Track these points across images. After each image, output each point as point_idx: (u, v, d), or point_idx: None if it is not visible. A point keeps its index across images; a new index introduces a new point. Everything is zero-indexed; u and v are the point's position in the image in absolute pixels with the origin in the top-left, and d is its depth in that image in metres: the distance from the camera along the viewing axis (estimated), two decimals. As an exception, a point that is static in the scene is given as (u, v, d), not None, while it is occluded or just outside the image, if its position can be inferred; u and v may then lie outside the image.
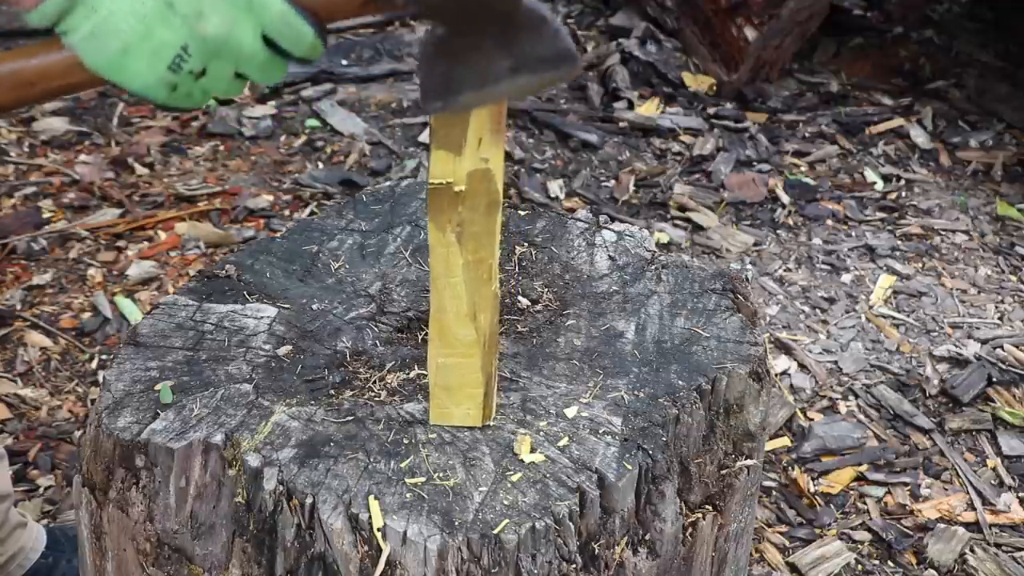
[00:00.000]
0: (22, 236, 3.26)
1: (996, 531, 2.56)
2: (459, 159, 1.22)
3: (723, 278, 1.66)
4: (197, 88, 1.08)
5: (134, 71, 1.05)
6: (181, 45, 1.05)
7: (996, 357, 3.09)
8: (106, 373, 1.43)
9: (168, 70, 1.06)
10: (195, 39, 1.05)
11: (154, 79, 1.06)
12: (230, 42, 1.06)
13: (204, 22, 1.04)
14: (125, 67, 1.05)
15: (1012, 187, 4.00)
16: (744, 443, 1.48)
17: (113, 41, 1.04)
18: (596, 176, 3.85)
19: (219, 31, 1.05)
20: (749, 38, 4.25)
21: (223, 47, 1.06)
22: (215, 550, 1.32)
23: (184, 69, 1.06)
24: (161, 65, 1.05)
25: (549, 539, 1.24)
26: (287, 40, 1.08)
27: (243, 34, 1.07)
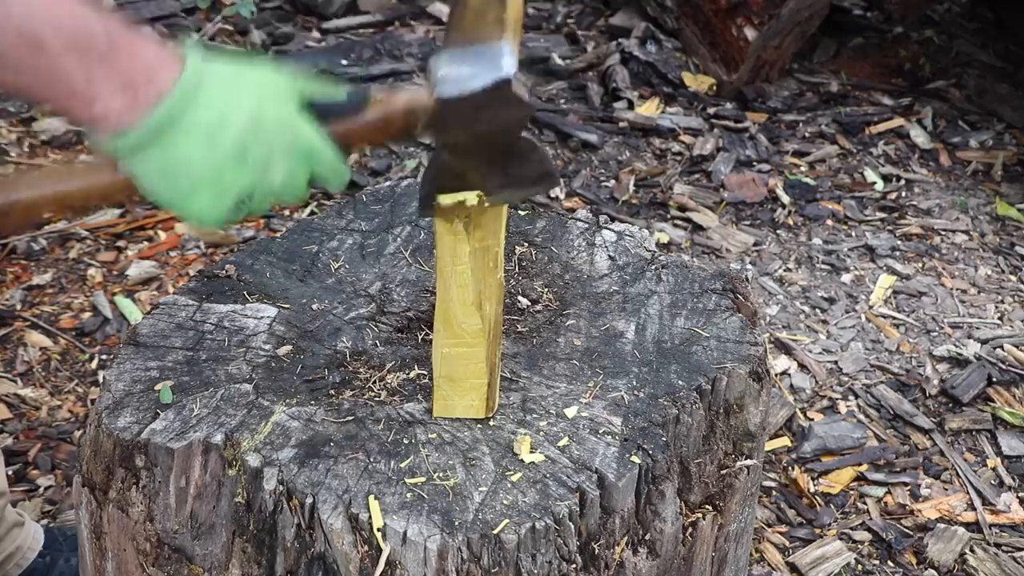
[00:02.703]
0: (22, 236, 3.25)
1: (996, 531, 2.56)
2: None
3: (723, 278, 1.66)
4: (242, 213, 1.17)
5: (198, 206, 1.12)
6: (247, 189, 1.12)
7: (996, 357, 3.09)
8: (106, 373, 1.43)
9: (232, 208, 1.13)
10: (261, 186, 1.13)
11: (215, 214, 1.13)
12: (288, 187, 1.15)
13: (272, 173, 1.13)
14: (190, 202, 1.12)
15: (1012, 187, 4.00)
16: (744, 443, 1.48)
17: (183, 180, 1.10)
18: (596, 176, 3.84)
19: (282, 180, 1.14)
20: (749, 38, 4.25)
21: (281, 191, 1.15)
22: (215, 550, 1.32)
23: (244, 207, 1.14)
24: (224, 205, 1.12)
25: (549, 539, 1.24)
26: (331, 182, 1.18)
27: (299, 180, 1.16)
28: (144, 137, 1.07)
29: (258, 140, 1.10)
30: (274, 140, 1.11)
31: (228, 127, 1.09)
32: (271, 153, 1.12)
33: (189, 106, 1.08)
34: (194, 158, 1.09)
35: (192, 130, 1.08)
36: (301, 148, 1.14)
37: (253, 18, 4.61)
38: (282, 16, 4.74)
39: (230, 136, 1.09)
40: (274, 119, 1.12)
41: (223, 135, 1.09)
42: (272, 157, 1.12)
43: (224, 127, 1.09)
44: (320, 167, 1.16)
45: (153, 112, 1.06)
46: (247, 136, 1.10)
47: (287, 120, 1.13)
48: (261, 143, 1.11)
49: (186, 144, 1.08)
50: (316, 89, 1.17)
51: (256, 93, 1.12)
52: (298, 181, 1.15)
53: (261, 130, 1.10)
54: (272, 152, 1.12)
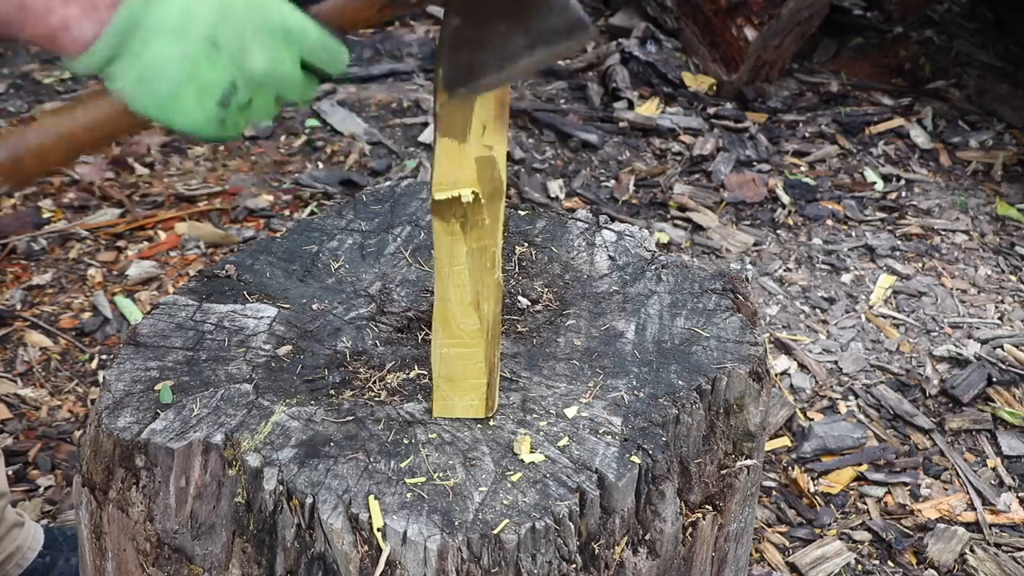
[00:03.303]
0: (22, 236, 3.26)
1: (996, 531, 2.56)
2: (464, 146, 1.23)
3: (723, 278, 1.66)
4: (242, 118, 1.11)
5: (184, 111, 1.07)
6: (229, 82, 1.07)
7: (996, 357, 3.09)
8: (106, 373, 1.43)
9: (217, 106, 1.08)
10: (242, 75, 1.07)
11: (204, 117, 1.08)
12: (274, 73, 1.09)
13: (249, 58, 1.07)
14: (175, 108, 1.07)
15: (1012, 187, 4.00)
16: (744, 443, 1.48)
17: (161, 84, 1.06)
18: (596, 176, 3.85)
19: (264, 64, 1.08)
20: (749, 38, 4.25)
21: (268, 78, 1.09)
22: (215, 550, 1.32)
23: (232, 104, 1.08)
24: (211, 103, 1.07)
25: (549, 539, 1.24)
26: (324, 62, 1.12)
27: (285, 64, 1.09)
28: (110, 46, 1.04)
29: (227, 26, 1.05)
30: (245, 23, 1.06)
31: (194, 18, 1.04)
32: (244, 36, 1.06)
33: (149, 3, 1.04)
34: (165, 58, 1.04)
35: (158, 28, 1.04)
36: (277, 27, 1.08)
37: (253, 18, 4.60)
38: (282, 16, 4.74)
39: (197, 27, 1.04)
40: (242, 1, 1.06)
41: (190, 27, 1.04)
42: (247, 41, 1.06)
43: (190, 19, 1.04)
44: (306, 46, 1.10)
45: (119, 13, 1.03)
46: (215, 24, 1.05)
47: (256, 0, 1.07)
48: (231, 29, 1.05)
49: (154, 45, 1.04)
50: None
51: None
52: (285, 66, 1.10)
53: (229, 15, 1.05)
54: (245, 35, 1.06)
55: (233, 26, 1.06)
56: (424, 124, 4.04)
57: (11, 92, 4.13)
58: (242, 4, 1.07)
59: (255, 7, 1.07)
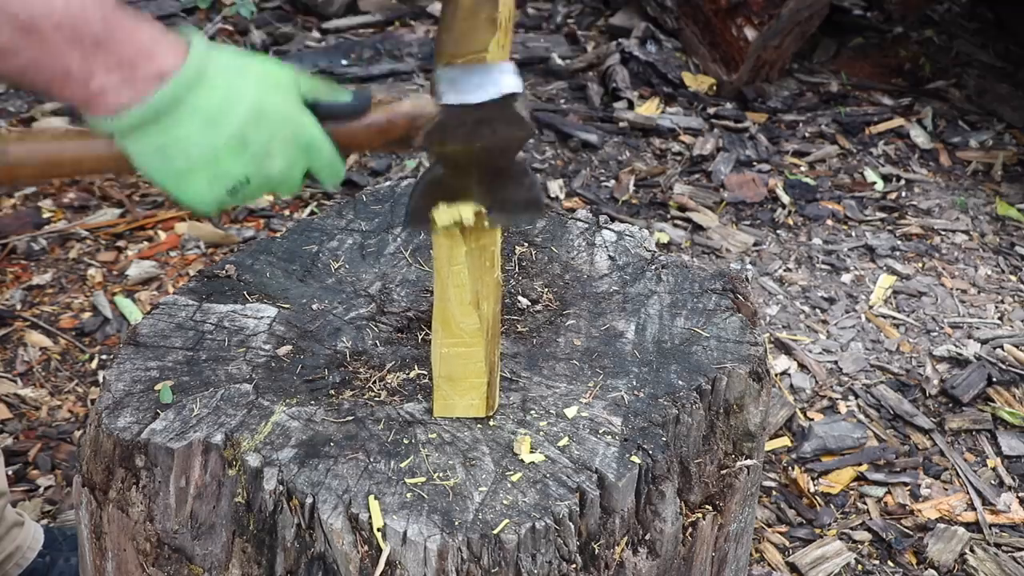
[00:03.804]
0: (22, 236, 3.25)
1: (996, 531, 2.56)
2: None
3: (723, 278, 1.66)
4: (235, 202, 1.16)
5: (192, 189, 1.12)
6: (244, 177, 1.12)
7: (996, 357, 3.09)
8: (106, 373, 1.43)
9: (226, 194, 1.13)
10: (257, 174, 1.12)
11: (209, 198, 1.13)
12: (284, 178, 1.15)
13: (269, 162, 1.12)
14: (185, 184, 1.11)
15: (1012, 187, 3.99)
16: (744, 443, 1.48)
17: (179, 161, 1.09)
18: (596, 176, 3.84)
19: (280, 170, 1.13)
20: (749, 38, 4.25)
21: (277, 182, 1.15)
22: (215, 550, 1.32)
23: (239, 195, 1.13)
24: (221, 190, 1.12)
25: (549, 539, 1.24)
26: (326, 177, 1.18)
27: (296, 172, 1.15)
28: (144, 116, 1.06)
29: (259, 129, 1.10)
30: (275, 130, 1.11)
31: (230, 113, 1.09)
32: (271, 143, 1.11)
33: (193, 89, 1.07)
34: (193, 141, 1.08)
35: (194, 113, 1.07)
36: (301, 141, 1.14)
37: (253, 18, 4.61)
38: (282, 16, 4.74)
39: (232, 122, 1.09)
40: (277, 110, 1.11)
41: (225, 120, 1.08)
42: (272, 147, 1.11)
43: (226, 112, 1.09)
44: (318, 162, 1.16)
45: (155, 92, 1.06)
46: (248, 124, 1.09)
47: (289, 112, 1.13)
48: (262, 132, 1.10)
49: (186, 126, 1.07)
50: (320, 89, 1.17)
51: (260, 82, 1.11)
52: (295, 173, 1.15)
53: (263, 119, 1.10)
54: (272, 142, 1.11)
55: (264, 131, 1.11)
56: (424, 124, 4.04)
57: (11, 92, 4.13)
58: (276, 111, 1.12)
59: (288, 118, 1.12)
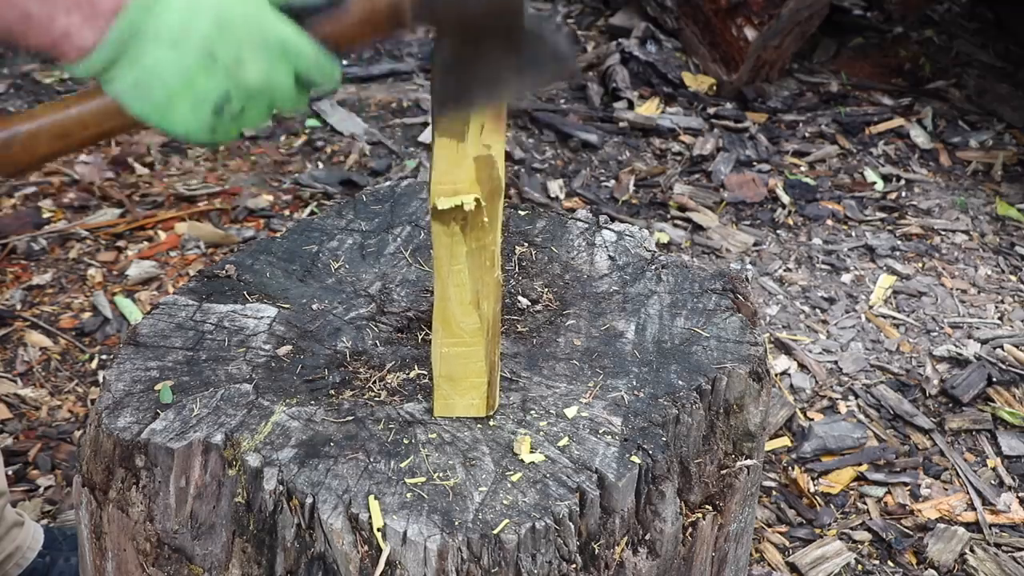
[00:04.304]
0: (22, 236, 3.26)
1: (996, 531, 2.56)
2: (462, 146, 1.23)
3: (723, 278, 1.66)
4: (234, 126, 1.13)
5: (178, 117, 1.10)
6: (223, 91, 1.09)
7: (996, 357, 3.09)
8: (106, 373, 1.43)
9: (211, 115, 1.10)
10: (236, 86, 1.10)
11: (197, 124, 1.10)
12: (268, 86, 1.12)
13: (244, 70, 1.09)
14: (170, 114, 1.09)
15: (1012, 187, 4.00)
16: (744, 443, 1.48)
17: (157, 91, 1.08)
18: (596, 176, 3.85)
19: (258, 77, 1.10)
20: (749, 38, 4.25)
21: (261, 90, 1.12)
22: (215, 550, 1.32)
23: (226, 113, 1.11)
24: (205, 110, 1.10)
25: (549, 539, 1.24)
26: (318, 77, 1.15)
27: (279, 77, 1.12)
28: (109, 52, 1.05)
29: (225, 39, 1.07)
30: (242, 37, 1.08)
31: (192, 29, 1.06)
32: (241, 50, 1.08)
33: (149, 12, 1.05)
34: (163, 66, 1.06)
35: (156, 38, 1.06)
36: (273, 42, 1.10)
37: (253, 18, 4.60)
38: (282, 16, 4.73)
39: (195, 38, 1.06)
40: (240, 15, 1.08)
41: (188, 38, 1.06)
42: (243, 55, 1.09)
43: (188, 29, 1.06)
44: (302, 63, 1.13)
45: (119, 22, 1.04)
46: (213, 36, 1.07)
47: (254, 15, 1.09)
48: (228, 41, 1.08)
49: (153, 53, 1.06)
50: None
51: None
52: (279, 80, 1.12)
53: (227, 28, 1.07)
54: (241, 49, 1.08)
55: (230, 39, 1.08)
56: (424, 124, 4.04)
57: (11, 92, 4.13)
58: (240, 18, 1.09)
59: (253, 22, 1.09)
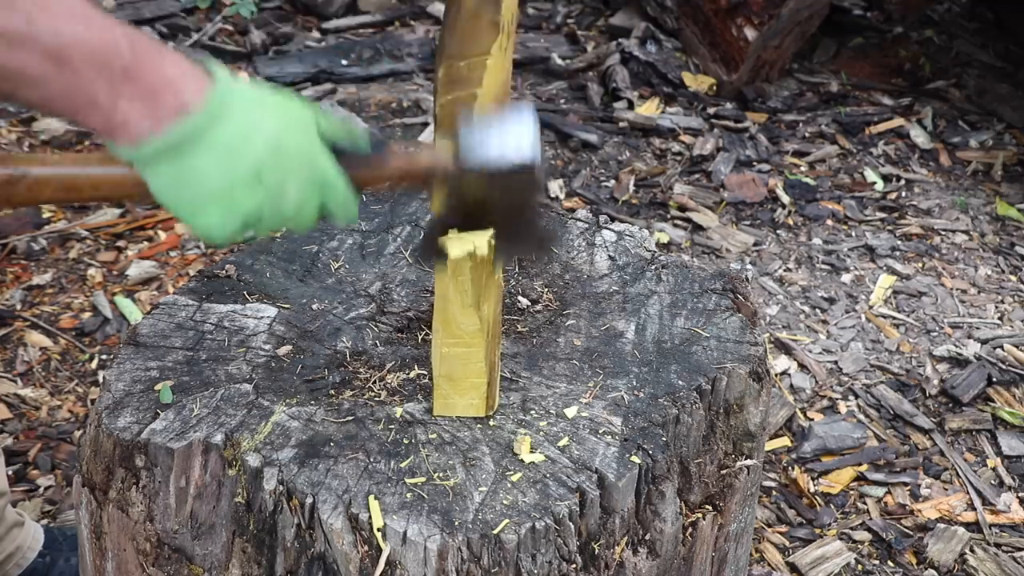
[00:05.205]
0: (22, 236, 3.25)
1: (996, 531, 2.56)
2: None
3: (723, 278, 1.66)
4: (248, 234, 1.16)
5: (207, 220, 1.11)
6: (257, 210, 1.11)
7: (996, 357, 3.09)
8: (106, 373, 1.43)
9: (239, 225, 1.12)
10: (271, 208, 1.12)
11: (222, 231, 1.12)
12: (297, 213, 1.14)
13: (283, 197, 1.12)
14: (200, 215, 1.11)
15: (1012, 187, 4.00)
16: (744, 443, 1.48)
17: (196, 191, 1.09)
18: (596, 176, 3.85)
19: (293, 206, 1.13)
20: (749, 38, 4.25)
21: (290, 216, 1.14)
22: (215, 550, 1.32)
23: (252, 228, 1.13)
24: (235, 221, 1.11)
25: (549, 539, 1.24)
26: (340, 215, 1.18)
27: (309, 209, 1.15)
28: (165, 147, 1.07)
29: (275, 164, 1.10)
30: (292, 167, 1.11)
31: (249, 147, 1.09)
32: (287, 179, 1.11)
33: (213, 123, 1.07)
34: (210, 173, 1.08)
35: (212, 146, 1.07)
36: (316, 178, 1.13)
37: (253, 18, 4.61)
38: (282, 16, 4.74)
39: (249, 156, 1.09)
40: (295, 146, 1.11)
41: (243, 154, 1.08)
42: (287, 183, 1.11)
43: (245, 146, 1.09)
44: (332, 201, 1.16)
45: (177, 124, 1.06)
46: (265, 159, 1.09)
47: (308, 149, 1.12)
48: (279, 168, 1.10)
49: (204, 158, 1.07)
50: (339, 130, 1.17)
51: (280, 118, 1.11)
52: (309, 210, 1.15)
53: (281, 155, 1.10)
54: (288, 178, 1.11)
55: (280, 166, 1.10)
56: (424, 124, 4.04)
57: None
58: (295, 149, 1.11)
59: (305, 155, 1.12)
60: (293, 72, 4.26)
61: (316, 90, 4.21)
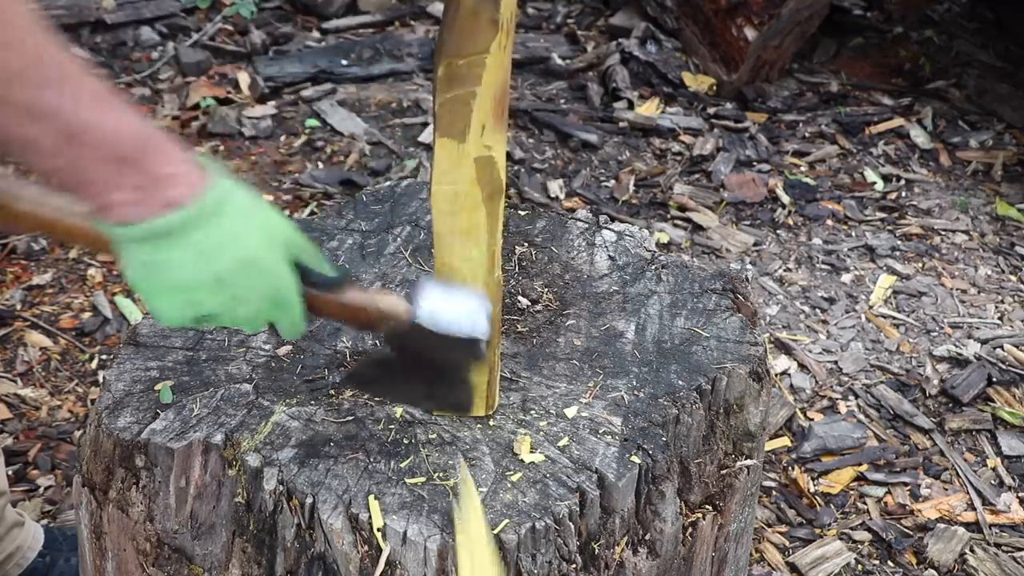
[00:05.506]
0: (22, 236, 3.25)
1: (996, 531, 2.56)
2: (463, 146, 1.23)
3: (723, 278, 1.66)
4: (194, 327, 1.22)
5: (161, 305, 1.15)
6: (212, 311, 1.15)
7: (996, 357, 3.09)
8: (106, 373, 1.43)
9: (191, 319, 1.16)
10: (226, 312, 1.16)
11: (173, 318, 1.16)
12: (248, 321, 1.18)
13: (240, 307, 1.16)
14: (156, 299, 1.15)
15: (1012, 187, 3.99)
16: (744, 443, 1.48)
17: (160, 279, 1.13)
18: (596, 176, 3.84)
19: (247, 316, 1.17)
20: (749, 38, 4.25)
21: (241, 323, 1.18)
22: (215, 550, 1.32)
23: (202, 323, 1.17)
24: (187, 314, 1.15)
25: (549, 539, 1.24)
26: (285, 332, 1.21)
27: (260, 320, 1.19)
28: (145, 235, 1.10)
29: (242, 277, 1.14)
30: (257, 283, 1.15)
31: (222, 255, 1.12)
32: (249, 292, 1.15)
33: (197, 225, 1.10)
34: (179, 268, 1.11)
35: (189, 246, 1.11)
36: (275, 298, 1.17)
37: (253, 18, 4.61)
38: (282, 16, 4.74)
39: (220, 263, 1.12)
40: (265, 265, 1.15)
41: (214, 260, 1.12)
42: (248, 296, 1.15)
43: (219, 254, 1.12)
44: (284, 318, 1.19)
45: (165, 216, 1.09)
46: (235, 270, 1.13)
47: (276, 270, 1.16)
48: (243, 280, 1.14)
49: (178, 254, 1.11)
50: (308, 252, 1.21)
51: (259, 234, 1.15)
52: (259, 320, 1.19)
53: (250, 269, 1.14)
54: (250, 292, 1.15)
55: (246, 280, 1.14)
56: (424, 124, 4.04)
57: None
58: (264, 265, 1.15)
59: (271, 275, 1.16)
60: (293, 72, 4.26)
61: (316, 90, 4.21)
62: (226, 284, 1.13)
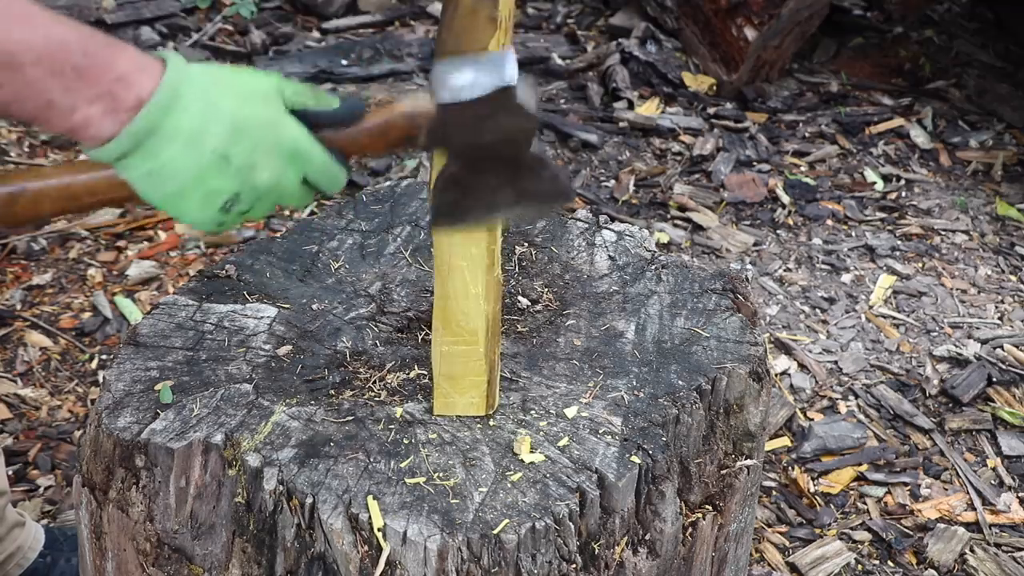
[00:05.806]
0: (22, 236, 3.25)
1: (996, 531, 2.56)
2: None
3: (723, 278, 1.66)
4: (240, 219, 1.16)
5: (188, 210, 1.12)
6: (233, 192, 1.12)
7: (996, 357, 3.09)
8: (106, 373, 1.43)
9: (219, 211, 1.13)
10: (246, 187, 1.12)
11: (204, 218, 1.13)
12: (276, 188, 1.14)
13: (255, 173, 1.12)
14: (180, 206, 1.12)
15: (1012, 187, 4.00)
16: (744, 443, 1.48)
17: (169, 183, 1.10)
18: (596, 176, 3.85)
19: (268, 181, 1.13)
20: (749, 38, 4.25)
21: (269, 191, 1.14)
22: (215, 550, 1.32)
23: (233, 211, 1.13)
24: (213, 208, 1.12)
25: (549, 539, 1.24)
26: (325, 184, 1.17)
27: (288, 181, 1.14)
28: (127, 145, 1.07)
29: (239, 142, 1.10)
30: (256, 142, 1.11)
31: (208, 131, 1.09)
32: (254, 155, 1.11)
33: (169, 112, 1.07)
34: (177, 163, 1.08)
35: (174, 136, 1.07)
36: (285, 148, 1.13)
37: (253, 18, 4.61)
38: (282, 16, 4.74)
39: (210, 141, 1.09)
40: (256, 120, 1.11)
41: (203, 140, 1.08)
42: (256, 158, 1.11)
43: (205, 131, 1.08)
44: (311, 169, 1.15)
45: (138, 117, 1.06)
46: (228, 138, 1.09)
47: (270, 120, 1.12)
48: (243, 145, 1.10)
49: (169, 149, 1.08)
50: (307, 96, 1.15)
51: (236, 95, 1.11)
52: (288, 182, 1.14)
53: (242, 132, 1.10)
54: (255, 153, 1.11)
55: (244, 143, 1.10)
56: (424, 124, 4.04)
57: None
58: (256, 123, 1.11)
59: (268, 128, 1.11)
60: (293, 72, 4.26)
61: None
62: (229, 157, 1.09)
